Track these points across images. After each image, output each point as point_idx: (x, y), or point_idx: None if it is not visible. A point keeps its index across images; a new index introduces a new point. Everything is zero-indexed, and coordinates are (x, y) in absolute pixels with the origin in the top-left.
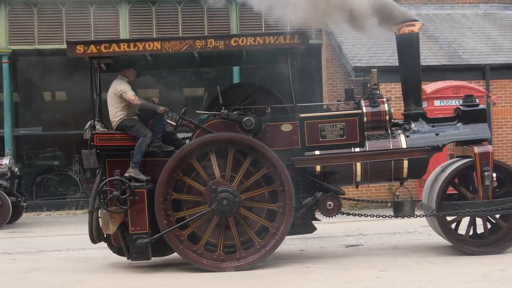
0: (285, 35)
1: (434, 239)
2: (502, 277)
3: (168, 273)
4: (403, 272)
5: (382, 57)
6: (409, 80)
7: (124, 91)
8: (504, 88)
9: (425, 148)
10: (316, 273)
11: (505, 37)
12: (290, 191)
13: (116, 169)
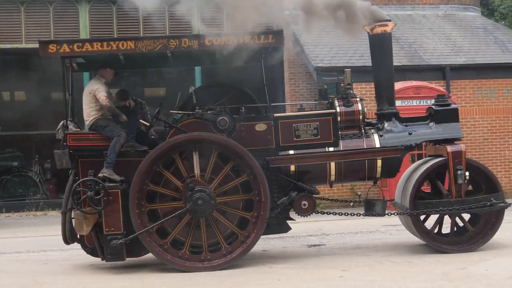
0: (260, 35)
1: (395, 238)
2: (462, 275)
3: (130, 274)
4: (365, 271)
5: (344, 57)
6: (382, 79)
7: (98, 90)
8: (464, 89)
9: (398, 148)
10: (278, 273)
11: (464, 38)
12: (266, 202)
13: (89, 169)
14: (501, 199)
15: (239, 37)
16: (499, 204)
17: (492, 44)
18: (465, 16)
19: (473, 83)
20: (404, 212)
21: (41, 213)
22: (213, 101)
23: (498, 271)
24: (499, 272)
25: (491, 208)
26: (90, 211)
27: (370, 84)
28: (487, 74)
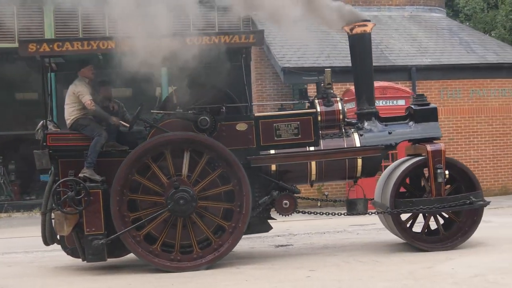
0: (241, 34)
1: (362, 238)
2: (428, 274)
3: (96, 276)
4: (332, 271)
5: (311, 58)
6: (361, 79)
7: (82, 94)
8: (430, 89)
9: (378, 147)
10: (246, 273)
11: (430, 39)
12: (246, 216)
13: (69, 169)
14: (480, 197)
15: (220, 37)
16: (479, 202)
17: (457, 45)
18: (430, 17)
19: (439, 84)
20: (385, 211)
21: (5, 215)
22: (194, 101)
23: (464, 270)
24: (465, 270)
25: (471, 206)
26: (71, 211)
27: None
28: (452, 75)
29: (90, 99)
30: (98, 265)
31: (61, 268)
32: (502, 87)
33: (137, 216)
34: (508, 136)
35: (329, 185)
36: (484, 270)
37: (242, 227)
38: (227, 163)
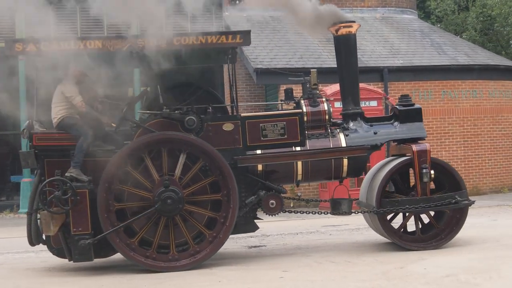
0: (228, 34)
1: (335, 238)
2: (401, 274)
3: (67, 278)
4: (305, 271)
5: (283, 59)
6: (347, 80)
7: (72, 96)
8: (402, 90)
9: (365, 147)
10: (219, 274)
11: (402, 40)
12: (230, 226)
13: (55, 169)
14: (465, 197)
15: (207, 37)
16: (463, 201)
17: (428, 47)
18: (402, 19)
19: (411, 85)
20: (371, 210)
21: None
22: (180, 101)
23: (436, 270)
24: (436, 270)
25: (456, 206)
26: (58, 211)
27: None
28: (424, 76)
29: (81, 100)
30: (72, 266)
31: (33, 270)
32: (473, 88)
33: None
34: (479, 137)
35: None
36: (455, 270)
37: (223, 239)
38: (221, 173)
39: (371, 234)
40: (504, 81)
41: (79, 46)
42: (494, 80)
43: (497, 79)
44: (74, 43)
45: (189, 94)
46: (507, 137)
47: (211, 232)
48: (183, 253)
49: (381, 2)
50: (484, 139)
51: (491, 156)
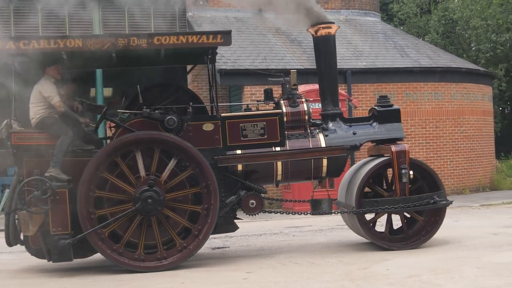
0: (208, 34)
1: (298, 240)
2: (364, 275)
3: (29, 280)
4: (269, 273)
5: (247, 60)
6: (326, 81)
7: (50, 96)
8: (365, 92)
9: (344, 147)
10: (182, 276)
11: (365, 43)
12: (213, 217)
13: (34, 169)
14: (443, 197)
15: (187, 37)
16: (442, 202)
17: (391, 49)
18: (365, 21)
19: (374, 87)
20: (351, 211)
21: None
22: (160, 101)
23: (399, 270)
24: (399, 271)
25: (434, 206)
26: (37, 211)
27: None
28: (387, 78)
29: (59, 101)
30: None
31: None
32: (435, 90)
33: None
34: (441, 139)
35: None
36: (418, 270)
37: (208, 230)
38: (197, 166)
39: (334, 235)
40: (466, 83)
41: (59, 45)
42: (455, 83)
43: (459, 82)
44: (54, 42)
45: (169, 94)
46: (468, 139)
47: (196, 226)
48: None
49: (344, 4)
50: (446, 141)
51: (453, 158)
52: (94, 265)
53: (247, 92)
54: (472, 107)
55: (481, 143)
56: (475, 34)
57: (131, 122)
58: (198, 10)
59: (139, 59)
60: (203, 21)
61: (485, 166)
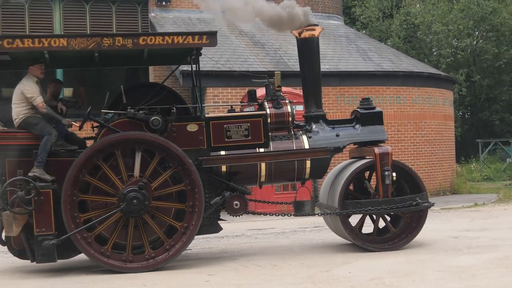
0: (194, 35)
1: (261, 242)
2: (326, 278)
3: (12, 280)
4: (231, 275)
5: (210, 62)
6: (309, 82)
7: (33, 97)
8: (328, 95)
9: (328, 149)
10: (143, 278)
11: (328, 46)
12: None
13: (16, 169)
14: (425, 199)
15: (173, 37)
16: (424, 203)
17: (354, 53)
18: (328, 24)
19: (336, 90)
20: (334, 212)
21: None
22: (144, 101)
23: (361, 273)
24: (362, 274)
25: (417, 208)
26: (21, 211)
27: (236, 89)
28: (350, 82)
29: (41, 101)
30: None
31: None
32: (397, 94)
33: (88, 217)
34: (403, 142)
35: None
36: (380, 273)
37: (195, 228)
38: (179, 163)
39: (297, 238)
40: (427, 88)
41: (43, 44)
42: (417, 87)
43: (420, 86)
44: (38, 41)
45: (153, 95)
46: (429, 143)
47: (182, 224)
48: (158, 250)
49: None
50: (408, 145)
51: (414, 162)
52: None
53: (209, 93)
54: (434, 112)
55: (442, 147)
56: (436, 39)
57: (115, 123)
58: (161, 11)
59: (121, 59)
60: (166, 21)
61: (445, 170)
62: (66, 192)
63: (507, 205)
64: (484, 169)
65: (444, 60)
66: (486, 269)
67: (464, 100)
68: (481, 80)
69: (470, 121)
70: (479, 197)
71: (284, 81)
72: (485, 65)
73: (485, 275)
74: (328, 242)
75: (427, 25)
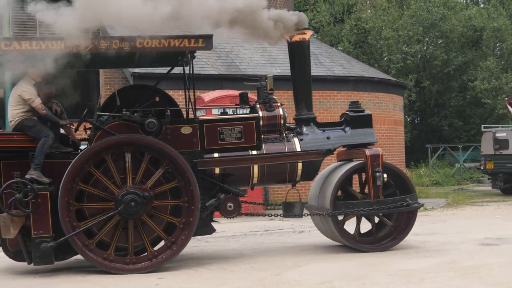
0: (190, 38)
1: (211, 246)
2: (277, 281)
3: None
4: (182, 278)
5: None
6: (300, 85)
7: (31, 99)
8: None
9: (320, 151)
10: (93, 282)
11: (280, 49)
12: (196, 207)
13: (11, 171)
14: (415, 200)
15: (169, 40)
16: (414, 204)
17: None
18: None
19: (288, 94)
20: (326, 213)
21: None
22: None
23: (312, 277)
24: (312, 277)
25: (408, 208)
26: (18, 213)
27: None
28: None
29: (40, 103)
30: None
31: None
32: (348, 99)
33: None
34: None
35: None
36: (330, 277)
37: (194, 221)
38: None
39: (247, 241)
40: (378, 93)
41: (41, 47)
42: (368, 92)
43: (371, 91)
44: (36, 44)
45: (147, 97)
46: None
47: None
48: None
49: None
50: None
51: None
52: None
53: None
54: (384, 117)
55: (392, 152)
56: (386, 44)
57: (110, 125)
58: None
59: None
60: None
61: None
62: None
63: (456, 209)
64: (433, 174)
65: (394, 66)
66: (434, 273)
67: (413, 106)
68: (430, 86)
69: (419, 127)
70: (428, 201)
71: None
72: (435, 71)
73: (434, 278)
74: (278, 245)
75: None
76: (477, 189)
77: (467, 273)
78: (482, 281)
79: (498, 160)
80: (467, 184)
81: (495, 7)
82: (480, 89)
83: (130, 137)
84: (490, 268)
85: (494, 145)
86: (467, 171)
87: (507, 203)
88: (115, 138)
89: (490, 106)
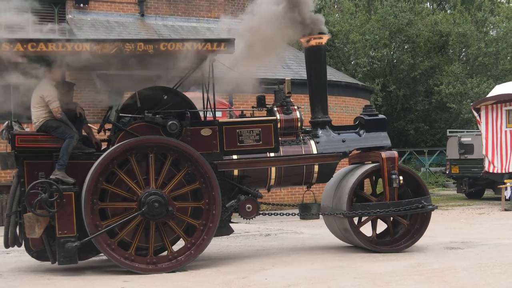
0: (213, 42)
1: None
2: (243, 284)
3: None
4: (146, 281)
5: None
6: (316, 89)
7: (50, 100)
8: (246, 102)
9: (337, 154)
10: (57, 284)
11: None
12: (218, 210)
13: (34, 171)
14: (430, 202)
15: (193, 43)
16: (429, 206)
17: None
18: None
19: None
20: (344, 214)
21: None
22: (160, 105)
23: (278, 280)
24: (278, 280)
25: (423, 210)
26: (44, 213)
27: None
28: (269, 89)
29: (57, 107)
30: None
31: None
32: None
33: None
34: None
35: None
36: (296, 280)
37: (215, 223)
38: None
39: (214, 244)
40: (345, 97)
41: (67, 49)
42: (335, 96)
43: (338, 95)
44: (62, 45)
45: (167, 99)
46: None
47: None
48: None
49: (228, 14)
50: None
51: None
52: None
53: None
54: (351, 120)
55: None
56: (353, 48)
57: (133, 126)
58: (79, 13)
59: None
60: (84, 24)
61: None
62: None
63: None
64: None
65: (361, 70)
66: (400, 276)
67: (380, 110)
68: (397, 90)
69: None
70: None
71: None
72: (401, 76)
73: (400, 282)
74: (245, 248)
75: (345, 35)
76: (442, 193)
77: (433, 276)
78: (447, 284)
79: (463, 164)
80: (432, 188)
81: (461, 12)
82: (446, 93)
83: (157, 139)
84: (455, 271)
85: (459, 150)
86: (432, 175)
87: (471, 207)
88: (142, 139)
89: (455, 111)
